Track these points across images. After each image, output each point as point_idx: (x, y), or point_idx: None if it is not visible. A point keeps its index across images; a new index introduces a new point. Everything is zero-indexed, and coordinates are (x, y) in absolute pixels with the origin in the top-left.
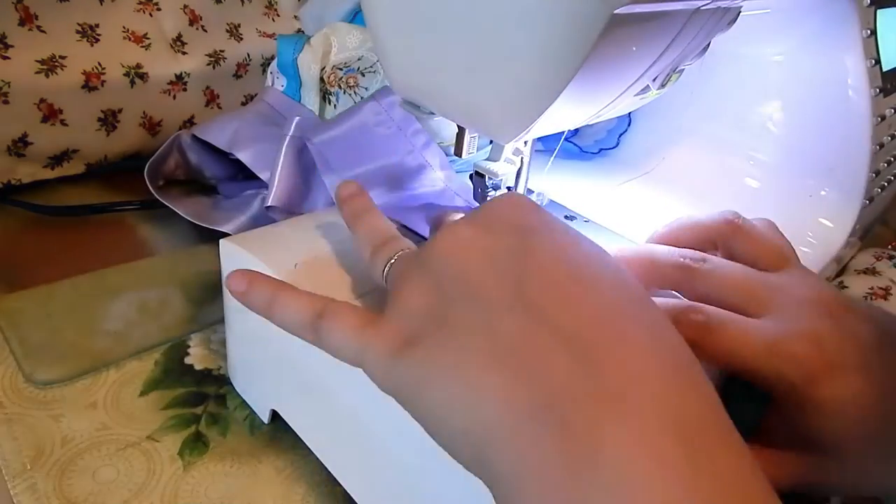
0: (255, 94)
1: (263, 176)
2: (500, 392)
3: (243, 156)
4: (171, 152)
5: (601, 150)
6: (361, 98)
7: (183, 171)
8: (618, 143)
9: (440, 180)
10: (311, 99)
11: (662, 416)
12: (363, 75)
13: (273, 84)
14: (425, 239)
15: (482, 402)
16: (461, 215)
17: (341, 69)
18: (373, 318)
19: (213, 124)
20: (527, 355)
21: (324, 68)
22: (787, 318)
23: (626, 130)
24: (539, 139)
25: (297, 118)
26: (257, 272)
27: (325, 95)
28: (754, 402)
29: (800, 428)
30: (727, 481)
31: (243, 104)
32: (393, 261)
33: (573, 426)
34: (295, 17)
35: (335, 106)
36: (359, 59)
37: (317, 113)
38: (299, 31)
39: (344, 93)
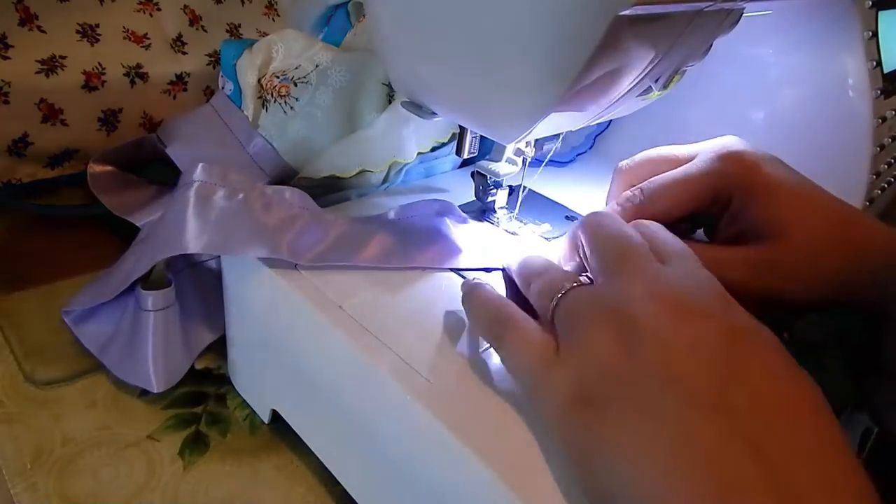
0: None
1: (183, 168)
2: (682, 497)
3: (170, 150)
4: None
5: (577, 155)
6: (291, 108)
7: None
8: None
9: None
10: (247, 105)
11: None
12: (296, 85)
13: (224, 87)
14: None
15: (660, 498)
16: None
17: (278, 77)
18: (552, 351)
19: (170, 125)
20: (719, 468)
21: (264, 75)
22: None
23: (602, 132)
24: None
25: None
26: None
27: (263, 102)
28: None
29: (753, 217)
30: None
31: None
32: (561, 295)
33: None
34: None
35: (267, 110)
36: (295, 69)
37: (251, 120)
38: None
39: (274, 101)
